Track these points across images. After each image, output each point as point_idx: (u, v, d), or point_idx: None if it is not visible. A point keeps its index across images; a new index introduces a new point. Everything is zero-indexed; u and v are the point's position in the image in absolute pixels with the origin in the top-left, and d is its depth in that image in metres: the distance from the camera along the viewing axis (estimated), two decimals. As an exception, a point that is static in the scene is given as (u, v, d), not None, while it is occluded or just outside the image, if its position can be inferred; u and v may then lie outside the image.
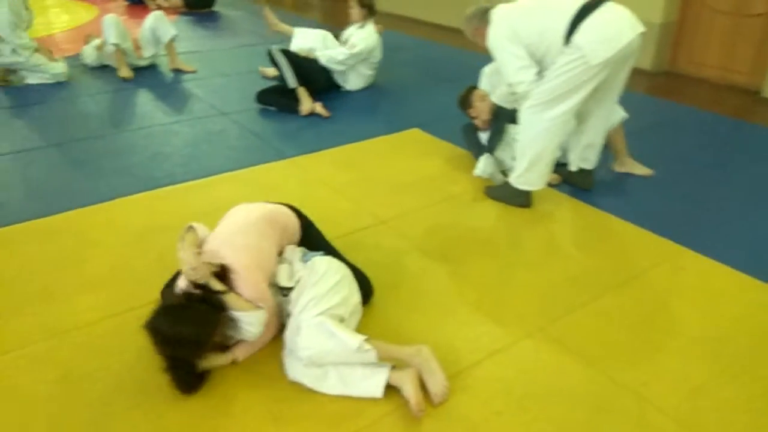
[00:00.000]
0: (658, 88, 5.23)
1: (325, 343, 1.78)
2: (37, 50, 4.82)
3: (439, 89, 4.99)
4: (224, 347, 1.94)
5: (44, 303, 2.26)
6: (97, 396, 1.84)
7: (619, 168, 3.37)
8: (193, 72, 5.36)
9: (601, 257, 2.62)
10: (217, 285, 1.84)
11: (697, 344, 2.11)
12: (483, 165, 3.20)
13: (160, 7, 8.10)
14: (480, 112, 3.38)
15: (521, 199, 3.00)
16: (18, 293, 2.33)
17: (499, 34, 2.80)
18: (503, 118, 3.27)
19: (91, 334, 2.09)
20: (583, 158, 3.09)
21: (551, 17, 2.67)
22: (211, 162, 3.51)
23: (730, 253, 2.62)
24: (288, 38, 5.22)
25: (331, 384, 1.82)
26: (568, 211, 3.04)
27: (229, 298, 1.84)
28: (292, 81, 4.36)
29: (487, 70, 3.58)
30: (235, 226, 2.04)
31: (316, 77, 4.56)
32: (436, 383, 1.83)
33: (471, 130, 3.50)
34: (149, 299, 2.15)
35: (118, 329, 2.11)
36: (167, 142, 3.81)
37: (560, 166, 3.18)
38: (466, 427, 1.75)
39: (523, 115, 2.82)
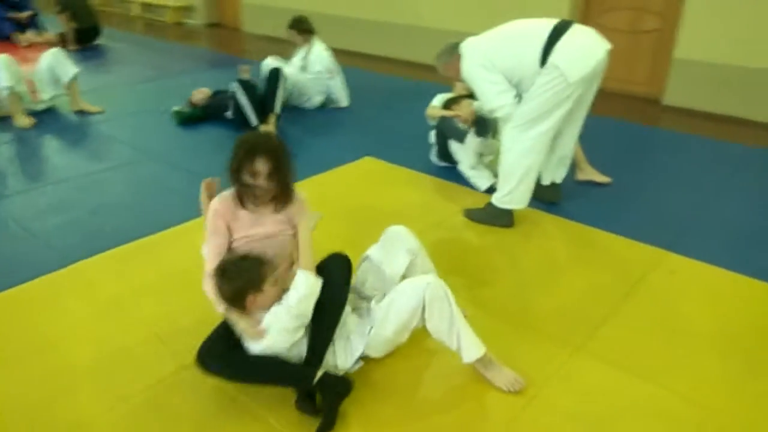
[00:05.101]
0: (568, 101, 5.58)
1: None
2: None
3: (380, 116, 4.97)
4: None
5: (40, 399, 1.90)
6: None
7: (581, 176, 3.53)
8: (101, 112, 4.88)
9: (598, 270, 2.71)
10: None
11: (718, 343, 2.22)
12: (473, 144, 3.45)
13: (31, 44, 7.34)
14: (465, 112, 3.52)
15: (505, 220, 3.03)
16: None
17: (474, 64, 2.85)
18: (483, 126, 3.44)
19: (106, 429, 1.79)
20: (555, 172, 3.20)
21: (525, 42, 2.75)
22: (164, 211, 3.18)
23: (708, 252, 2.82)
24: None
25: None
26: (549, 226, 3.12)
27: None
28: (253, 119, 4.33)
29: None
30: None
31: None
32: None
33: (448, 119, 3.59)
34: (153, 381, 1.95)
35: (133, 419, 1.83)
36: (105, 193, 3.41)
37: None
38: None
39: (506, 136, 2.87)
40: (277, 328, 1.80)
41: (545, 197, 3.29)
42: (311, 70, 4.98)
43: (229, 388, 1.93)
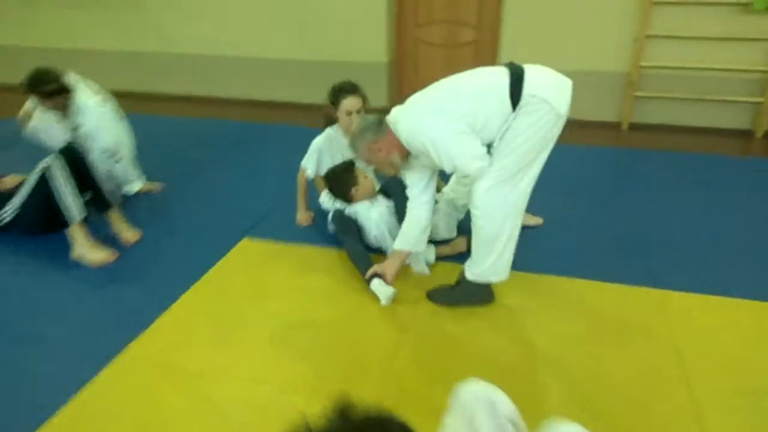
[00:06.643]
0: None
1: None
2: None
3: (225, 176, 3.83)
4: None
5: None
6: None
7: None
8: None
9: (623, 337, 2.24)
10: None
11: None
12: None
13: None
14: (366, 190, 2.86)
15: (487, 295, 2.42)
16: None
17: (446, 132, 2.11)
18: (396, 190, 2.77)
19: None
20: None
21: (489, 87, 2.16)
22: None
23: (696, 279, 2.58)
24: None
25: None
26: (528, 290, 2.53)
27: None
28: (76, 213, 2.77)
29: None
30: None
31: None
32: None
33: (348, 225, 2.78)
34: None
35: None
36: None
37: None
38: None
39: (484, 199, 2.19)
40: None
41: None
42: (93, 147, 3.26)
43: None
